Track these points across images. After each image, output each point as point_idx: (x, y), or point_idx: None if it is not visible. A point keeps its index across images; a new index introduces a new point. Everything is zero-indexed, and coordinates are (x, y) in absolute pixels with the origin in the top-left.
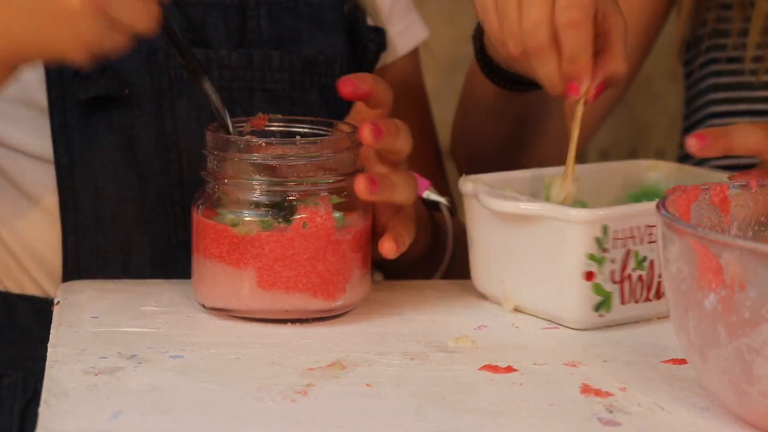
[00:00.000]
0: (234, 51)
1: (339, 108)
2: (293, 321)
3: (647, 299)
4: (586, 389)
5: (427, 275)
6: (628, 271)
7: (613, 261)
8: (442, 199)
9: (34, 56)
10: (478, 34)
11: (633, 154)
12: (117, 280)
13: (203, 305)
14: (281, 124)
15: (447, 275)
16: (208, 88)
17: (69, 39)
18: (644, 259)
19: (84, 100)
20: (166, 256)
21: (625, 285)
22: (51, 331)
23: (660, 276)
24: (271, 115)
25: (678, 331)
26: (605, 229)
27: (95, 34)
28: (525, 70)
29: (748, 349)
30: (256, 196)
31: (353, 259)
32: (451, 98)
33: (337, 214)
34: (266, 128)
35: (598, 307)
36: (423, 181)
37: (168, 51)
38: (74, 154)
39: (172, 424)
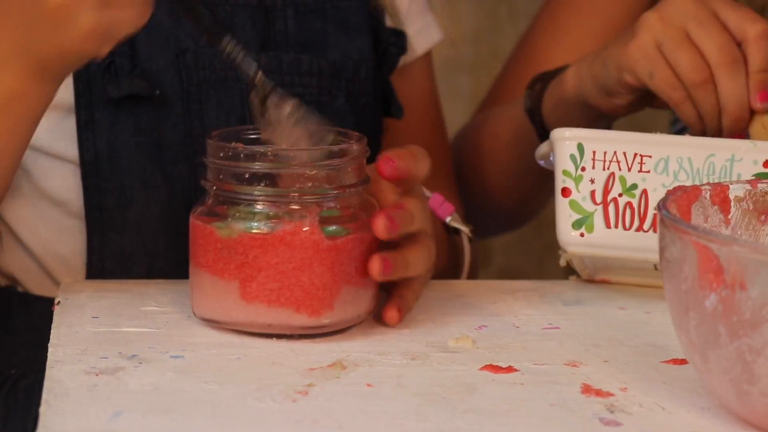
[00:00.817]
0: (263, 54)
1: (366, 114)
2: (278, 336)
3: (640, 229)
4: (586, 389)
5: None
6: (613, 194)
7: (592, 181)
8: (464, 228)
9: (58, 63)
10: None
11: None
12: (117, 280)
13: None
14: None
15: None
16: (230, 46)
17: (75, 34)
18: (634, 186)
19: (113, 98)
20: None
21: (609, 208)
22: (51, 331)
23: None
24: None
25: (679, 331)
26: (580, 147)
27: (97, 17)
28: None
29: (749, 350)
30: (248, 204)
31: (343, 274)
32: (451, 99)
33: (332, 227)
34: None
35: (577, 225)
36: (447, 206)
37: (197, 51)
38: (100, 151)
39: (173, 424)
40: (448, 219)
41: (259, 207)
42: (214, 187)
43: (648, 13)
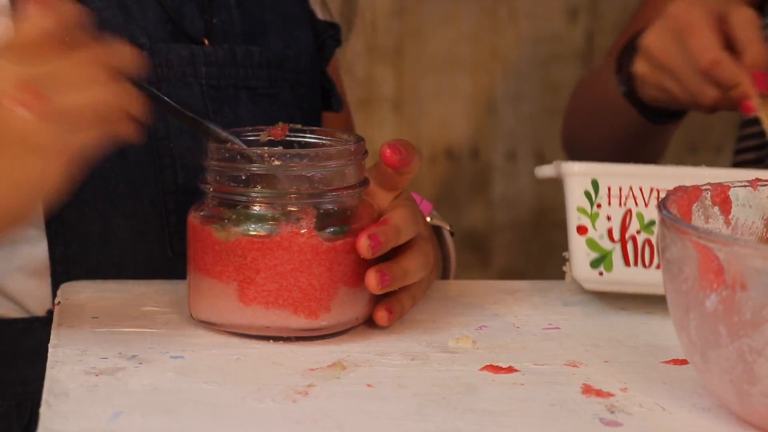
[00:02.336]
0: (218, 46)
1: (308, 106)
2: (275, 339)
3: (660, 266)
4: (587, 390)
5: None
6: (631, 231)
7: (608, 218)
8: (444, 224)
9: (21, 204)
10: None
11: (692, 149)
12: (117, 281)
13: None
14: (295, 134)
15: None
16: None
17: (39, 168)
18: (652, 222)
19: None
20: (162, 270)
21: (628, 246)
22: (51, 332)
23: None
24: (291, 125)
25: (679, 331)
26: (595, 183)
27: (62, 142)
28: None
29: (750, 350)
30: (245, 207)
31: (340, 276)
32: (451, 98)
33: (330, 229)
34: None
35: (596, 264)
36: (426, 205)
37: (152, 47)
38: None
39: (173, 425)
40: (427, 218)
41: (256, 209)
42: (211, 189)
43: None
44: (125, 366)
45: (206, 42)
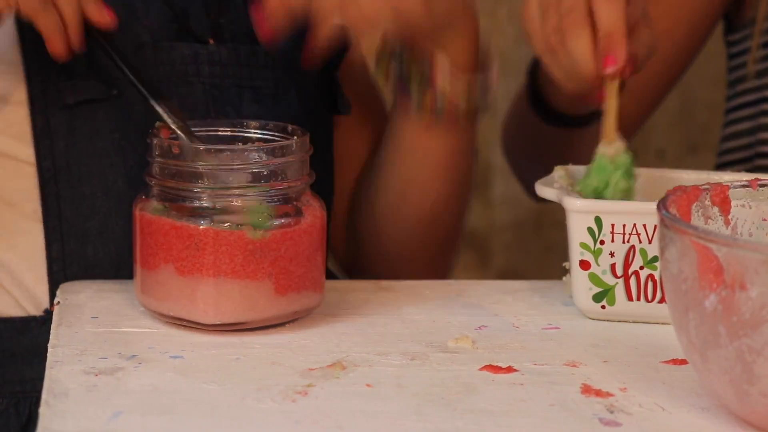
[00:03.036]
0: (222, 46)
1: (316, 106)
2: (280, 325)
3: (662, 301)
4: (586, 389)
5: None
6: (634, 267)
7: (611, 254)
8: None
9: None
10: (533, 74)
11: (692, 149)
12: (117, 281)
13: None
14: (231, 129)
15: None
16: (162, 108)
17: None
18: (655, 258)
19: (69, 103)
20: None
21: (630, 281)
22: (51, 331)
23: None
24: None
25: (678, 331)
26: (598, 221)
27: None
28: (557, 63)
29: (749, 350)
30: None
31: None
32: None
33: (276, 221)
34: (216, 133)
35: (598, 298)
36: None
37: (155, 46)
38: (58, 158)
39: (173, 425)
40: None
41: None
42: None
43: None
44: (125, 366)
45: (212, 41)
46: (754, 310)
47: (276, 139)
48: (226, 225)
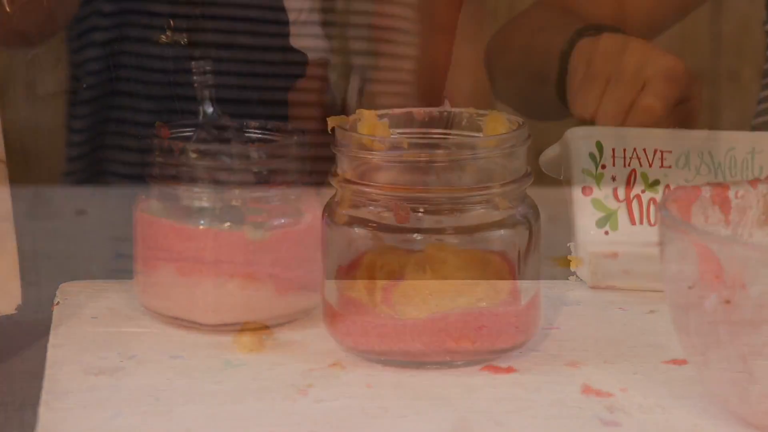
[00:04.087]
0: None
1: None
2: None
3: None
4: (586, 389)
5: None
6: (636, 191)
7: (613, 178)
8: None
9: None
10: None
11: None
12: (117, 281)
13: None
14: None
15: None
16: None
17: None
18: (656, 182)
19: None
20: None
21: (633, 205)
22: (51, 332)
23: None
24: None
25: (679, 331)
26: (599, 145)
27: None
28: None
29: (750, 350)
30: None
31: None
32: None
33: (276, 221)
34: (220, 131)
35: (601, 223)
36: None
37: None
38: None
39: (172, 425)
40: None
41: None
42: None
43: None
44: (124, 366)
45: None
46: (754, 310)
47: (276, 139)
48: (226, 225)
